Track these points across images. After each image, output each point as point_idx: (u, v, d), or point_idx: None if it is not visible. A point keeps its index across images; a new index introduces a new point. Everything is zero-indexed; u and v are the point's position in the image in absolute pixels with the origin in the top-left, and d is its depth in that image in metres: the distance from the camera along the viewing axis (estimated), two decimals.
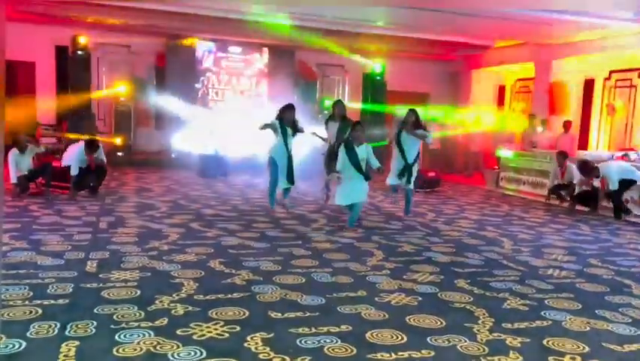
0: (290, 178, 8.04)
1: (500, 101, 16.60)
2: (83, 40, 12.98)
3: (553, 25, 11.30)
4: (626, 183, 8.99)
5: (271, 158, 7.96)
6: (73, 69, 13.08)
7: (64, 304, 3.99)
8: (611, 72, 13.22)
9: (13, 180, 8.47)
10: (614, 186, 8.91)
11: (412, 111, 8.22)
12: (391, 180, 8.26)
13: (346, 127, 8.04)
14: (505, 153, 12.87)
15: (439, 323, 3.97)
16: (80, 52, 13.06)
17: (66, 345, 3.29)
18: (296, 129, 8.01)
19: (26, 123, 13.09)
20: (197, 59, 14.63)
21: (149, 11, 11.65)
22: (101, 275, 4.69)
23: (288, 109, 8.00)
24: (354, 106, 14.60)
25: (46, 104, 13.55)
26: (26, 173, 8.64)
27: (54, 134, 12.92)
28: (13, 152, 8.53)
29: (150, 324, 3.67)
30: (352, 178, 7.07)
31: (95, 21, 12.31)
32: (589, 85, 13.78)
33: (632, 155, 10.38)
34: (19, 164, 8.56)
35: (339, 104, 8.88)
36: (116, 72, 14.15)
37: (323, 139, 8.77)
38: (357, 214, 7.30)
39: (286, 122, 7.94)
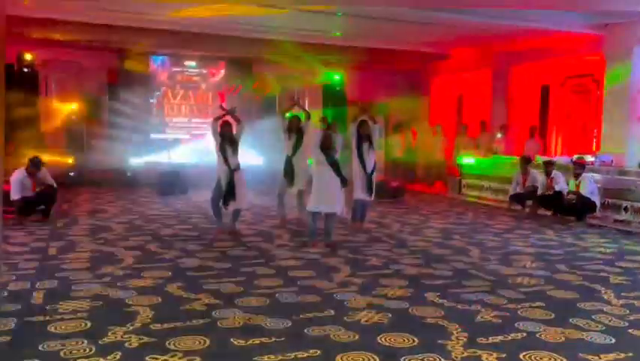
0: (233, 197, 7.35)
1: (460, 108, 16.68)
2: (29, 56, 12.42)
3: (509, 33, 11.41)
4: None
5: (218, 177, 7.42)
6: (19, 87, 12.45)
7: (4, 342, 3.63)
8: (566, 78, 13.43)
9: None
10: (585, 191, 8.94)
11: (364, 112, 8.18)
12: (359, 195, 8.00)
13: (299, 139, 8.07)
14: (466, 160, 12.89)
15: (411, 341, 3.78)
16: (26, 69, 12.49)
17: None
18: (235, 145, 7.41)
19: None
20: (150, 74, 14.24)
21: (96, 26, 10.98)
22: (48, 307, 4.33)
23: (225, 126, 7.41)
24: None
25: None
26: None
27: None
28: None
29: (101, 360, 3.36)
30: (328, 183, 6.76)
31: (41, 37, 11.75)
32: (545, 91, 13.97)
33: (588, 158, 10.50)
34: None
35: (294, 118, 8.37)
36: (66, 89, 13.58)
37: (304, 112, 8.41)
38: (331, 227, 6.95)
39: (226, 139, 7.35)
